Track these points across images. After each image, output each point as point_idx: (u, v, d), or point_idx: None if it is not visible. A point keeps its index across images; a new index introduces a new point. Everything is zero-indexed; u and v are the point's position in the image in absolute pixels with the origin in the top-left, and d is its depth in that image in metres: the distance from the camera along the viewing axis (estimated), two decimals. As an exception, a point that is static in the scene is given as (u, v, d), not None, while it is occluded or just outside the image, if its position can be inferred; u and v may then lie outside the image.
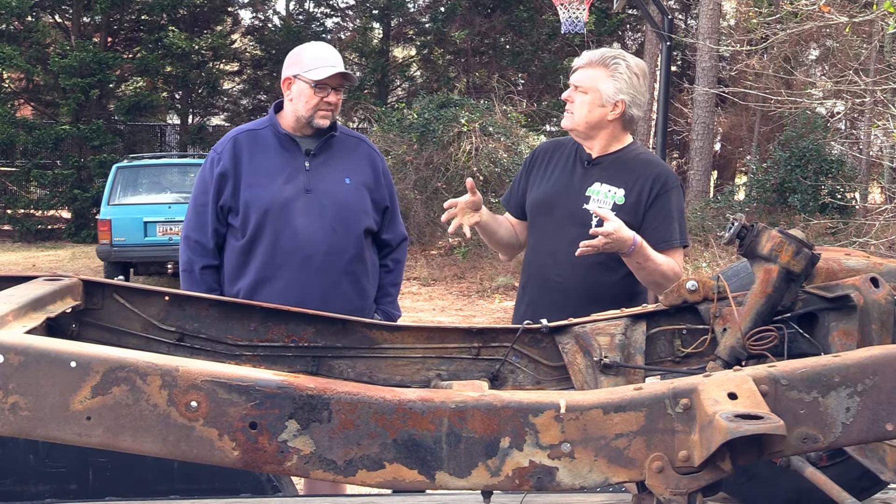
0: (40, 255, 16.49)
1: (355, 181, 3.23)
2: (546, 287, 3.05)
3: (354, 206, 3.21)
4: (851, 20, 9.65)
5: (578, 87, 3.04)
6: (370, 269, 3.27)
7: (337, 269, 3.14)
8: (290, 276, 3.10)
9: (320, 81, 3.14)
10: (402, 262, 3.43)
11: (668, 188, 3.02)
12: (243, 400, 1.52)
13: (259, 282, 3.11)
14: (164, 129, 23.82)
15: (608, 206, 2.98)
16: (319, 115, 3.17)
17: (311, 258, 3.11)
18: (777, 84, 14.73)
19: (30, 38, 19.10)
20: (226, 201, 3.15)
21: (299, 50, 3.27)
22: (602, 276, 3.01)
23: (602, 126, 3.04)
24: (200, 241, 3.17)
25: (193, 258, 3.18)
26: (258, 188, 3.13)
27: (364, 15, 22.35)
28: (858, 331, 2.00)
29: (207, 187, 3.18)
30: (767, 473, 2.24)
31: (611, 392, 1.61)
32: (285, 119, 3.24)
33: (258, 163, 3.17)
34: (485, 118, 14.26)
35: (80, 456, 2.63)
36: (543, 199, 3.11)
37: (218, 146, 3.24)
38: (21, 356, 1.52)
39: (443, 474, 1.55)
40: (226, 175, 3.15)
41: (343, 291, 3.15)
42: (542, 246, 3.09)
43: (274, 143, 3.21)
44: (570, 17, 9.51)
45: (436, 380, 2.22)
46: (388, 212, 3.34)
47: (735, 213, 9.11)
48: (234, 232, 3.16)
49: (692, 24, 21.88)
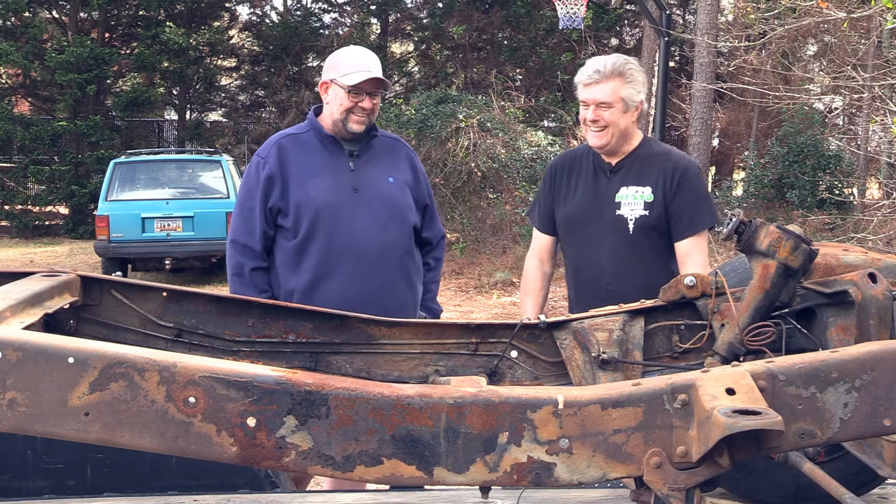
0: (38, 251, 16.47)
1: (398, 180, 3.28)
2: (599, 298, 3.00)
3: (401, 204, 3.26)
4: (849, 16, 9.64)
5: (602, 104, 3.10)
6: (417, 264, 3.33)
7: (391, 265, 3.19)
8: (346, 273, 3.13)
9: (354, 86, 3.15)
10: (441, 260, 3.49)
11: (687, 175, 3.12)
12: (241, 396, 1.52)
13: (316, 280, 3.13)
14: (162, 124, 23.78)
15: (639, 206, 3.09)
16: (353, 119, 3.19)
17: (365, 256, 3.15)
18: (775, 80, 14.73)
19: (27, 34, 19.06)
20: (275, 203, 3.17)
21: (337, 54, 3.29)
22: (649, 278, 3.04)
23: (628, 132, 3.15)
24: (248, 244, 3.19)
25: (243, 261, 3.20)
26: (308, 188, 3.17)
27: (361, 10, 22.32)
28: (856, 326, 2.00)
29: (254, 191, 3.20)
30: (765, 469, 2.24)
31: (609, 388, 1.61)
32: (325, 122, 3.27)
33: (304, 164, 3.20)
34: (483, 114, 14.25)
35: (78, 452, 2.63)
36: (575, 213, 3.18)
37: (262, 150, 3.27)
38: (19, 352, 1.52)
39: (441, 470, 1.55)
40: (273, 178, 3.18)
41: (397, 287, 3.20)
42: (584, 259, 3.16)
43: (317, 145, 3.24)
44: (569, 12, 9.51)
45: (434, 375, 2.22)
46: (428, 210, 3.39)
47: (733, 208, 9.11)
48: (285, 233, 3.19)
49: (690, 20, 21.86)
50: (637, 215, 3.10)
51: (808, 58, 18.46)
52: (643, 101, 3.18)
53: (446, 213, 13.81)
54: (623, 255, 3.09)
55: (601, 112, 3.10)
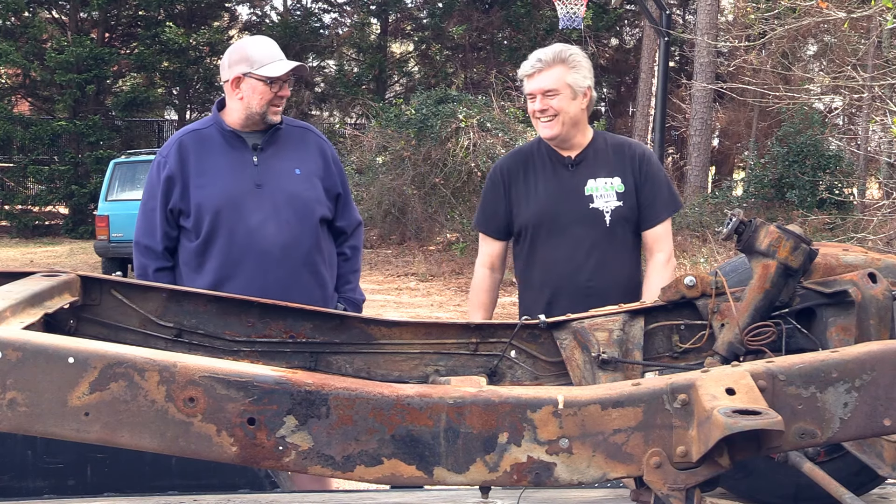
0: (38, 251, 16.47)
1: (305, 171, 3.21)
2: (579, 294, 3.00)
3: (307, 197, 3.19)
4: (849, 16, 9.65)
5: (548, 92, 3.05)
6: (328, 258, 3.26)
7: (295, 261, 3.13)
8: (249, 272, 3.09)
9: (277, 77, 3.11)
10: (359, 248, 3.41)
11: (650, 160, 3.14)
12: (241, 396, 1.52)
13: (219, 280, 3.08)
14: (162, 124, 23.78)
15: (613, 198, 3.05)
16: (272, 110, 3.15)
17: (268, 253, 3.10)
18: (775, 80, 14.73)
19: (26, 34, 19.08)
20: (175, 204, 3.14)
21: (241, 47, 3.22)
22: (627, 270, 3.07)
23: (579, 120, 3.10)
24: (150, 245, 3.17)
25: (146, 262, 3.18)
26: (208, 188, 3.12)
27: (361, 10, 22.33)
28: (856, 326, 2.00)
29: (155, 191, 3.17)
30: (765, 469, 2.24)
31: (609, 387, 1.61)
32: (230, 116, 3.21)
33: (205, 163, 3.15)
34: (483, 114, 14.25)
35: (78, 452, 2.63)
36: (544, 210, 3.10)
37: (163, 149, 3.23)
38: (19, 352, 1.51)
39: (441, 470, 1.55)
40: (173, 178, 3.14)
41: (304, 283, 3.13)
42: (558, 256, 3.08)
43: (220, 142, 3.18)
44: (568, 12, 9.51)
45: (434, 375, 2.22)
46: (341, 198, 3.31)
47: (733, 208, 9.12)
48: (188, 234, 3.15)
49: (690, 20, 21.86)
50: (612, 207, 3.06)
51: (808, 58, 18.46)
52: (591, 88, 3.11)
53: (446, 212, 13.81)
54: (602, 249, 3.05)
55: (548, 101, 3.05)
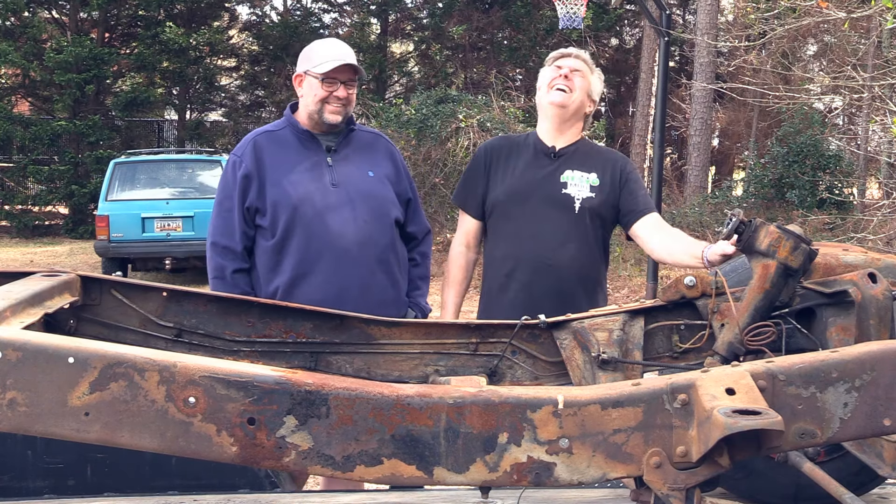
0: (38, 251, 16.47)
1: (378, 174, 3.24)
2: (539, 270, 3.12)
3: (382, 197, 3.21)
4: (849, 16, 9.64)
5: (576, 71, 3.22)
6: (401, 259, 3.29)
7: (371, 259, 3.14)
8: (327, 269, 3.09)
9: (327, 74, 3.12)
10: (428, 256, 3.45)
11: (630, 169, 3.29)
12: (241, 396, 1.52)
13: (296, 278, 3.09)
14: (162, 124, 23.77)
15: (585, 188, 3.16)
16: (329, 109, 3.16)
17: (346, 251, 3.11)
18: (775, 80, 14.73)
19: (26, 34, 19.06)
20: (252, 203, 3.14)
21: (310, 47, 3.27)
22: (586, 258, 3.15)
23: (578, 116, 3.25)
24: (229, 245, 3.15)
25: (224, 263, 3.15)
26: (284, 186, 3.12)
27: (361, 10, 22.32)
28: (856, 326, 2.00)
29: (231, 191, 3.16)
30: (765, 469, 2.24)
31: (609, 387, 1.61)
32: (301, 117, 3.24)
33: (281, 161, 3.17)
34: (483, 114, 14.24)
35: (78, 452, 2.63)
36: (516, 189, 3.20)
37: (238, 150, 3.24)
38: (19, 352, 1.52)
39: (441, 470, 1.55)
40: (249, 177, 3.14)
41: (379, 282, 3.15)
42: (524, 232, 3.16)
43: (294, 142, 3.21)
44: (568, 12, 9.50)
45: (434, 375, 2.22)
46: (412, 204, 3.35)
47: (733, 208, 9.11)
48: (264, 232, 3.15)
49: (690, 20, 21.86)
50: (583, 196, 3.15)
51: (808, 58, 18.46)
52: (595, 104, 3.31)
53: (446, 212, 13.80)
54: (566, 233, 3.12)
55: (575, 76, 3.20)
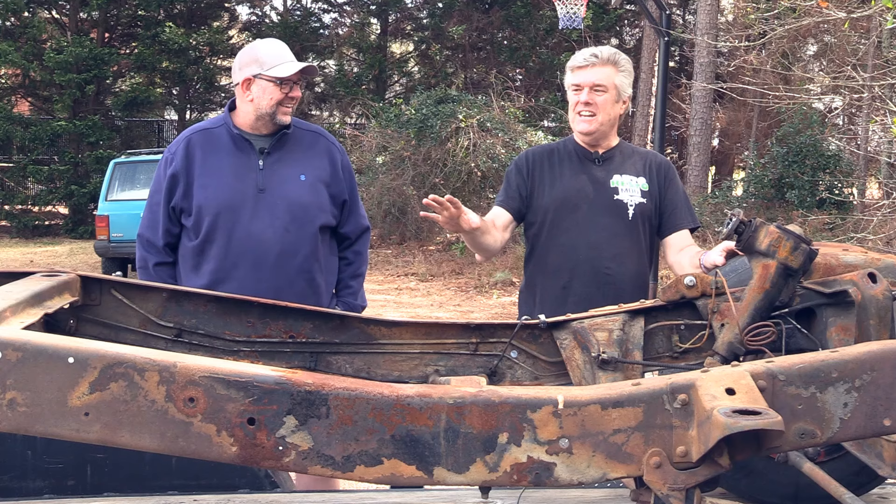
0: (38, 251, 16.47)
1: (311, 177, 3.21)
2: (597, 281, 3.06)
3: (308, 204, 3.18)
4: (849, 16, 9.65)
5: (597, 87, 3.10)
6: (325, 265, 3.25)
7: (290, 268, 3.13)
8: (243, 277, 3.09)
9: (286, 78, 3.12)
10: (362, 254, 3.40)
11: (673, 173, 3.23)
12: (241, 396, 1.52)
13: (213, 283, 3.08)
14: (162, 124, 23.78)
15: (637, 193, 3.12)
16: (282, 111, 3.15)
17: (263, 259, 3.11)
18: (775, 80, 14.73)
19: (26, 34, 19.07)
20: (177, 202, 3.16)
21: (252, 49, 3.23)
22: (641, 265, 3.13)
23: (614, 123, 3.18)
24: (151, 239, 3.19)
25: (147, 255, 3.21)
26: (211, 189, 3.13)
27: (361, 10, 22.33)
28: (856, 326, 2.00)
29: (160, 186, 3.20)
30: (765, 469, 2.24)
31: (609, 387, 1.61)
32: (240, 118, 3.21)
33: (211, 163, 3.16)
34: (483, 114, 14.26)
35: (78, 452, 2.63)
36: (568, 195, 3.13)
37: (172, 146, 3.24)
38: (19, 352, 1.52)
39: (441, 470, 1.55)
40: (177, 176, 3.15)
41: (298, 290, 3.12)
42: (579, 241, 3.10)
43: (228, 143, 3.19)
44: (568, 12, 9.51)
45: (434, 375, 2.22)
46: (347, 205, 3.31)
47: (733, 208, 9.11)
48: (188, 232, 3.17)
49: (690, 20, 21.86)
50: (636, 202, 3.12)
51: (808, 58, 18.46)
52: (630, 98, 3.21)
53: (446, 213, 13.78)
54: (623, 240, 3.10)
55: (595, 95, 3.10)
